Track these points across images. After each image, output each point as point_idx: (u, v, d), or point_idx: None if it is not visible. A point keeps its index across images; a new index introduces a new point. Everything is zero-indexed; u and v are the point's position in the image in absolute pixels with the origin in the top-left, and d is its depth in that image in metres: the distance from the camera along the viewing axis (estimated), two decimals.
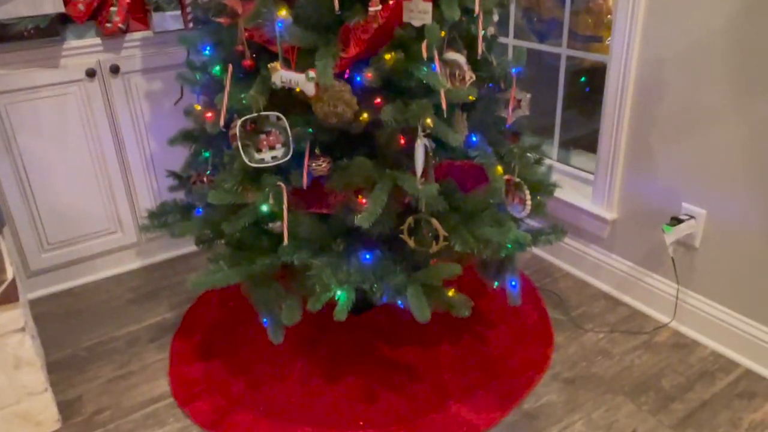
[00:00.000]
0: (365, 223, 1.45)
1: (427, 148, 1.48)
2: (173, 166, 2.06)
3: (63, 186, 2.14)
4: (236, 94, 1.51)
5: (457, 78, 1.56)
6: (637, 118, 1.90)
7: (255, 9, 1.45)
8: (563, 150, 2.43)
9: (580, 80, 2.64)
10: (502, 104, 1.72)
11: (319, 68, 1.39)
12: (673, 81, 1.77)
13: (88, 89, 2.08)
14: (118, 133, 2.17)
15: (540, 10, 2.30)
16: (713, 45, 1.65)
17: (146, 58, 2.14)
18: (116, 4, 2.01)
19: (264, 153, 1.50)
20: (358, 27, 1.44)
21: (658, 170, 1.89)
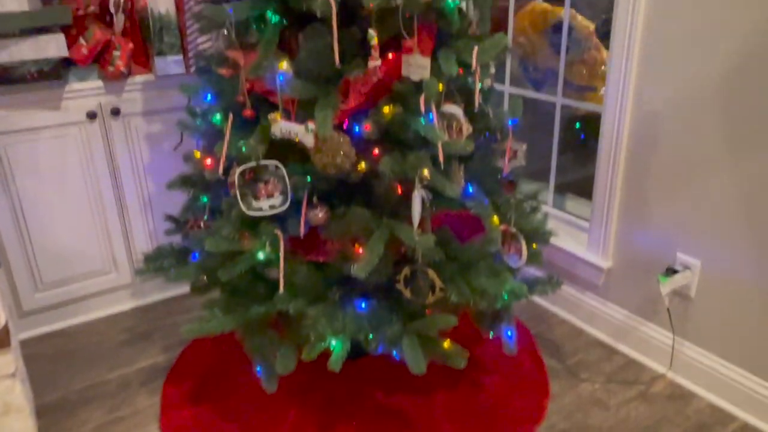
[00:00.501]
0: (362, 273, 1.46)
1: (424, 199, 1.50)
2: (171, 208, 2.07)
3: (59, 226, 2.15)
4: (236, 142, 1.54)
5: (454, 129, 1.59)
6: (631, 168, 1.94)
7: (257, 61, 1.49)
8: (558, 195, 2.46)
9: (575, 126, 2.69)
10: (499, 154, 1.75)
11: (318, 120, 1.42)
12: (667, 132, 1.81)
13: (88, 131, 2.10)
14: (117, 174, 2.19)
15: (536, 59, 2.36)
16: (706, 98, 1.69)
17: (147, 100, 2.17)
18: (119, 49, 2.05)
19: (262, 201, 1.52)
20: (358, 80, 1.48)
21: (653, 220, 1.91)
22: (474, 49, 1.52)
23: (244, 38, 1.58)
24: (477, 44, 1.55)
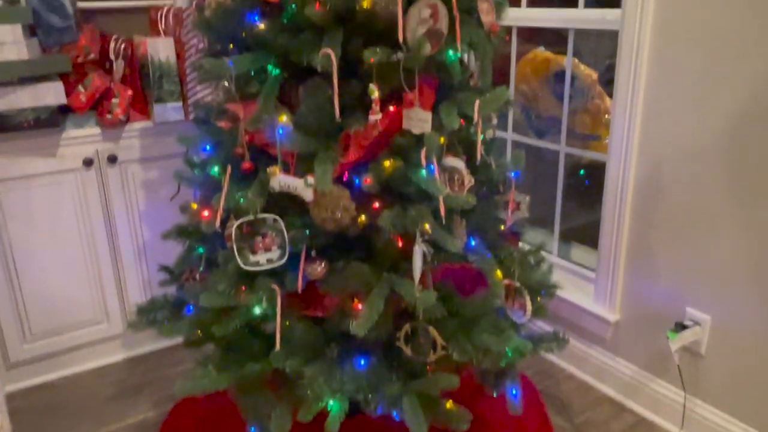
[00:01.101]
0: (361, 330, 1.44)
1: (426, 254, 1.49)
2: (166, 257, 2.06)
3: (51, 275, 2.14)
4: (234, 195, 1.54)
5: (456, 182, 1.59)
6: (637, 219, 1.94)
7: (256, 114, 1.50)
8: (563, 243, 2.45)
9: (579, 173, 2.70)
10: (502, 206, 1.75)
11: (318, 174, 1.43)
12: (673, 183, 1.82)
13: (84, 178, 2.11)
14: (112, 221, 2.19)
15: (538, 107, 2.38)
16: (711, 149, 1.70)
17: (145, 147, 2.19)
18: (118, 96, 2.08)
19: (259, 255, 1.51)
20: (358, 134, 1.49)
21: (661, 272, 1.90)
22: (476, 102, 1.54)
23: (244, 89, 1.60)
24: (479, 97, 1.56)
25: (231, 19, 1.50)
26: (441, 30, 1.46)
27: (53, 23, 1.96)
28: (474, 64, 1.71)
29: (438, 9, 1.44)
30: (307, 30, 1.44)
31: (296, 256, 1.54)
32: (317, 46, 1.43)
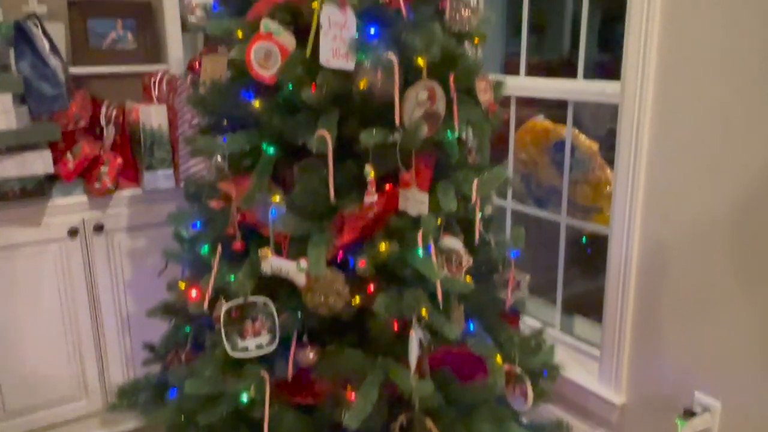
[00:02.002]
0: (354, 423, 1.43)
1: (422, 341, 1.49)
2: (151, 332, 2.05)
3: (29, 348, 2.12)
4: (223, 276, 1.55)
5: (453, 263, 1.60)
6: (642, 296, 1.94)
7: (249, 193, 1.52)
8: (566, 315, 2.45)
9: (582, 240, 2.72)
10: (501, 285, 1.76)
11: (311, 258, 1.44)
12: (678, 261, 1.83)
13: (68, 247, 2.12)
14: (95, 292, 2.19)
15: (538, 176, 2.42)
16: (716, 229, 1.73)
17: (133, 216, 2.21)
18: (107, 164, 2.11)
19: (248, 340, 1.51)
20: (353, 215, 1.51)
21: (668, 353, 1.89)
22: (474, 181, 1.57)
23: (238, 165, 1.63)
24: (477, 176, 1.59)
25: (225, 97, 1.54)
26: (438, 112, 1.50)
27: (44, 91, 2.00)
28: (472, 140, 1.75)
29: (435, 91, 1.48)
30: (302, 110, 1.48)
31: (287, 340, 1.54)
32: (313, 126, 1.47)
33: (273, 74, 1.44)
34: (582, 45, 2.17)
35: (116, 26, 2.37)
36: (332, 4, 1.39)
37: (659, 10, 1.76)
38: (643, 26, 1.79)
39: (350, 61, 1.42)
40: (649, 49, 1.80)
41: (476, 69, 1.59)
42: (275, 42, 1.43)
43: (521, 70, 2.42)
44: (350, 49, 1.41)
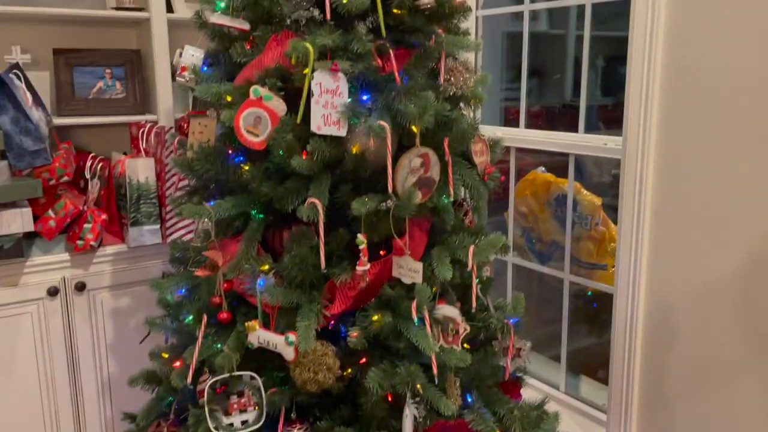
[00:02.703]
0: None
1: (416, 417, 1.48)
2: (131, 398, 2.03)
3: (3, 415, 2.09)
4: (208, 348, 1.54)
5: (450, 333, 1.60)
6: (649, 361, 1.93)
7: (236, 261, 1.53)
8: (571, 375, 2.43)
9: (587, 294, 2.72)
10: (501, 353, 1.75)
11: (300, 332, 1.43)
12: (685, 324, 1.82)
13: (47, 308, 2.11)
14: (74, 356, 2.17)
15: (540, 231, 2.43)
16: (723, 294, 1.72)
17: (117, 273, 2.20)
18: (91, 221, 2.11)
19: (233, 416, 1.49)
20: (345, 284, 1.51)
21: (678, 421, 1.87)
22: (470, 248, 1.57)
23: (226, 229, 1.64)
24: (473, 241, 1.60)
25: (213, 161, 1.55)
26: (432, 178, 1.52)
27: (26, 146, 2.02)
28: (468, 201, 1.76)
29: (429, 157, 1.49)
30: (292, 176, 1.49)
31: (274, 417, 1.52)
32: (303, 193, 1.48)
33: (263, 140, 1.46)
34: (582, 99, 2.20)
35: (104, 75, 2.40)
36: (324, 70, 1.41)
37: (660, 62, 1.79)
38: (644, 80, 1.82)
39: (342, 128, 1.43)
40: (651, 104, 1.83)
41: (472, 131, 1.60)
42: (265, 107, 1.45)
43: (521, 121, 2.45)
44: (342, 116, 1.43)
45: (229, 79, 1.60)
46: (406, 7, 1.49)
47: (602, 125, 3.46)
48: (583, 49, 2.18)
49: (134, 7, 2.31)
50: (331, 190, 1.49)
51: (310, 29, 1.50)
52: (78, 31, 2.43)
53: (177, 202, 1.72)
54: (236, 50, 1.56)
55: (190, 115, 1.63)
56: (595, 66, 3.56)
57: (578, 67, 3.29)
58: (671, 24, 1.76)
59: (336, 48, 1.44)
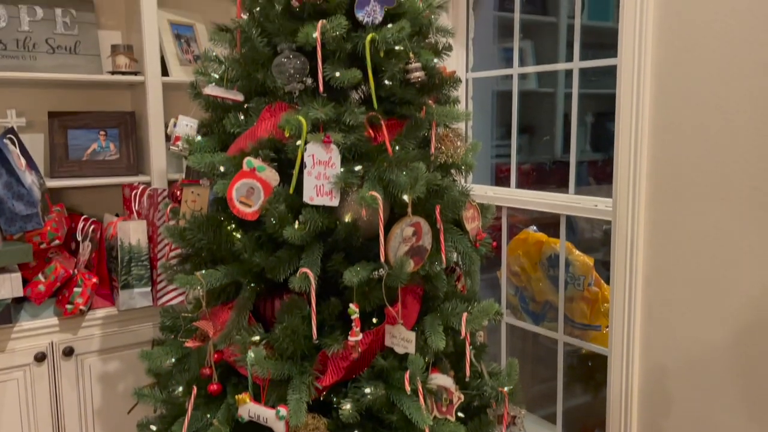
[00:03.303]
0: None
1: None
2: None
3: None
4: (198, 419, 1.52)
5: (443, 402, 1.59)
6: (646, 428, 1.91)
7: (227, 331, 1.53)
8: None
9: (581, 352, 2.71)
10: (495, 421, 1.73)
11: (291, 405, 1.42)
12: (681, 388, 1.82)
13: (34, 374, 2.08)
14: (61, 423, 2.13)
15: (532, 291, 2.44)
16: (716, 360, 1.73)
17: (106, 337, 2.19)
18: (81, 284, 2.11)
19: None
20: (337, 355, 1.50)
21: None
22: (463, 315, 1.57)
23: (216, 297, 1.64)
24: (466, 308, 1.60)
25: (206, 231, 1.56)
26: (424, 246, 1.53)
27: (17, 211, 2.03)
28: (461, 266, 1.77)
29: (421, 226, 1.51)
30: (284, 245, 1.50)
31: None
32: (295, 262, 1.49)
33: (255, 211, 1.47)
34: (572, 162, 2.24)
35: (98, 137, 2.43)
36: (317, 142, 1.44)
37: (648, 124, 1.83)
38: (632, 143, 1.86)
39: (334, 198, 1.46)
40: (639, 167, 1.86)
41: (463, 199, 1.63)
42: (258, 178, 1.47)
43: (512, 180, 2.48)
44: (334, 187, 1.45)
45: (222, 148, 1.63)
46: (397, 80, 1.53)
47: (593, 180, 3.51)
48: (572, 106, 2.23)
49: (130, 71, 2.36)
50: (323, 259, 1.50)
51: (303, 100, 1.54)
52: (73, 94, 2.47)
53: (169, 269, 1.72)
54: (230, 120, 1.59)
55: (183, 183, 1.65)
56: (584, 122, 3.63)
57: (568, 124, 3.36)
58: (658, 84, 1.81)
59: (329, 120, 1.47)
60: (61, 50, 2.35)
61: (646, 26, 1.82)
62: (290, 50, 1.52)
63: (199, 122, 1.69)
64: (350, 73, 1.47)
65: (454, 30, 2.51)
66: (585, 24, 3.26)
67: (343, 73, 1.48)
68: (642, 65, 1.82)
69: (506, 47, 3.25)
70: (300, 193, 1.47)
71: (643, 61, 1.82)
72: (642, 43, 1.83)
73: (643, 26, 1.82)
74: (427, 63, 1.57)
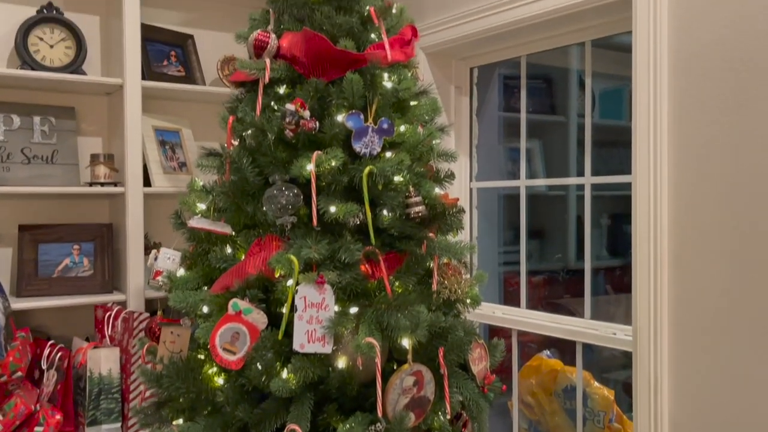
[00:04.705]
0: None
1: None
2: None
3: None
4: None
5: None
6: None
7: None
8: None
9: None
10: None
11: None
12: None
13: None
14: None
15: (548, 426, 2.39)
16: None
17: None
18: (43, 423, 2.07)
19: None
20: None
21: None
22: None
23: None
24: None
25: (185, 378, 1.55)
26: (426, 397, 1.52)
27: None
28: (467, 413, 1.74)
29: (423, 374, 1.51)
30: (271, 396, 1.49)
31: None
32: (283, 416, 1.47)
33: (240, 358, 1.47)
34: (587, 286, 2.26)
35: (71, 251, 2.45)
36: (309, 283, 1.45)
37: (667, 251, 1.85)
38: (652, 274, 1.87)
39: (327, 345, 1.45)
40: (661, 297, 1.87)
41: (469, 339, 1.63)
42: (244, 322, 1.47)
43: (522, 299, 2.48)
44: (328, 332, 1.45)
45: (207, 282, 1.64)
46: (396, 213, 1.56)
47: (611, 289, 3.52)
48: (584, 220, 2.26)
49: (110, 182, 2.40)
50: (313, 413, 1.48)
51: (296, 233, 1.56)
52: (48, 204, 2.50)
53: (142, 415, 1.69)
54: (216, 254, 1.61)
55: (161, 322, 1.65)
56: (599, 224, 3.67)
57: (581, 227, 3.40)
58: (676, 207, 1.83)
59: (323, 258, 1.49)
60: (37, 160, 2.41)
61: (662, 145, 1.87)
62: (283, 181, 1.55)
63: (182, 254, 1.71)
64: (346, 207, 1.51)
65: (457, 146, 2.60)
66: (597, 122, 3.36)
67: (338, 208, 1.51)
68: (658, 184, 1.85)
69: (513, 147, 3.33)
70: (290, 337, 1.47)
71: (659, 181, 1.85)
72: (658, 161, 1.87)
73: (658, 145, 1.87)
74: (428, 194, 1.60)
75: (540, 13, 2.12)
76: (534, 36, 2.34)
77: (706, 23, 1.73)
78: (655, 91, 1.85)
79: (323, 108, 1.59)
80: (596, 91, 3.40)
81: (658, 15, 1.84)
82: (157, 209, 2.59)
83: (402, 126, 1.61)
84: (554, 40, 2.34)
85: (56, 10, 2.42)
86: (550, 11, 2.09)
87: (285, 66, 1.62)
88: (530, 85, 2.63)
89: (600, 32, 2.19)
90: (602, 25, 2.16)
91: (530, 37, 2.35)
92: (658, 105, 1.85)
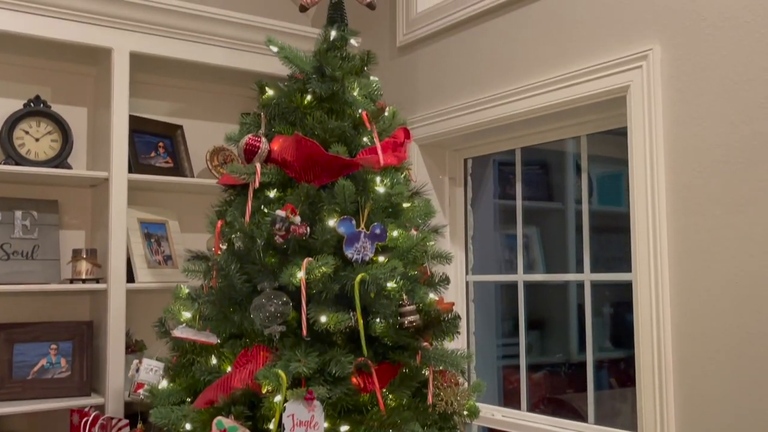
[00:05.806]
0: None
1: None
2: None
3: None
4: None
5: None
6: None
7: None
8: None
9: None
10: None
11: None
12: None
13: None
14: None
15: None
16: None
17: None
18: None
19: None
20: None
21: None
22: None
23: None
24: None
25: None
26: None
27: None
28: None
29: None
30: None
31: None
32: None
33: None
34: (590, 384, 2.24)
35: (48, 351, 2.42)
36: (298, 400, 1.44)
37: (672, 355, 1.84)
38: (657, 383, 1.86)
39: None
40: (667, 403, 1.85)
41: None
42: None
43: (522, 401, 2.46)
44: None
45: (191, 395, 1.63)
46: (389, 324, 1.56)
47: (615, 382, 3.48)
48: (585, 323, 2.26)
49: (91, 278, 2.41)
50: None
51: (284, 343, 1.56)
52: (25, 301, 2.50)
53: None
54: (201, 366, 1.60)
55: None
56: (601, 313, 3.67)
57: (582, 315, 3.39)
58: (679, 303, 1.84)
59: (312, 372, 1.49)
60: (17, 256, 2.42)
61: (661, 244, 1.89)
62: (272, 289, 1.56)
63: (165, 365, 1.70)
64: (337, 317, 1.51)
65: (452, 238, 2.63)
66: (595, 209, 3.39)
67: (329, 317, 1.51)
68: (660, 283, 1.86)
69: (510, 234, 3.36)
70: None
71: (660, 279, 1.87)
72: (658, 262, 1.89)
73: (657, 244, 1.89)
74: (422, 300, 1.61)
75: (534, 108, 2.18)
76: (528, 130, 2.40)
77: (703, 121, 1.78)
78: (653, 186, 1.88)
79: (314, 213, 1.62)
80: (594, 176, 3.44)
81: (653, 113, 1.90)
82: (140, 305, 2.59)
83: (395, 231, 1.63)
84: (549, 134, 2.40)
85: (43, 103, 2.48)
86: (545, 107, 2.15)
87: (276, 170, 1.66)
88: (526, 171, 2.68)
89: (595, 127, 2.26)
90: (598, 121, 2.22)
91: (524, 131, 2.40)
92: (656, 201, 1.88)
